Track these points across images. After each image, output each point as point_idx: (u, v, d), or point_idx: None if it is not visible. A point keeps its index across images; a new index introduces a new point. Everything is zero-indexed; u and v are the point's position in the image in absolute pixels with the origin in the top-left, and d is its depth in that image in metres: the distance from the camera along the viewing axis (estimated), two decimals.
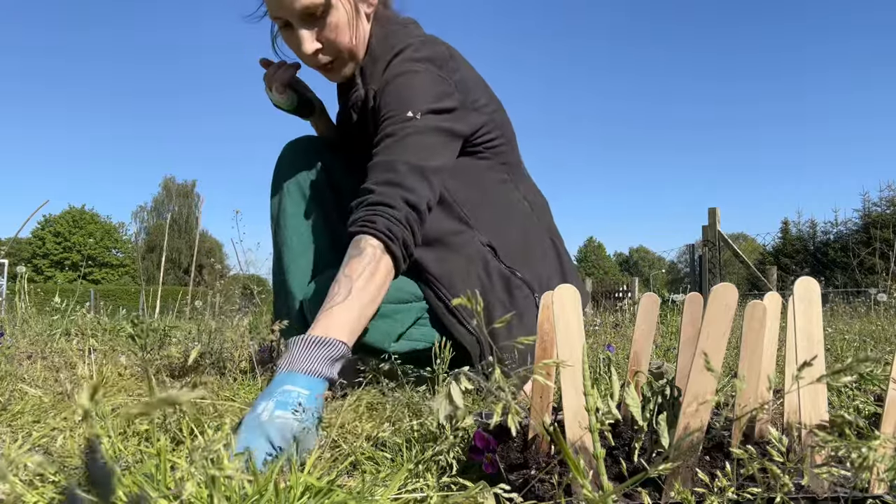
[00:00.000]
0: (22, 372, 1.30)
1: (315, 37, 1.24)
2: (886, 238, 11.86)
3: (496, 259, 1.35)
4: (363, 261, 1.06)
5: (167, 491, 0.57)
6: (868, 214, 17.20)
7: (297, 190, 1.43)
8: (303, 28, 1.22)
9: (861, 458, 0.51)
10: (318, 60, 1.27)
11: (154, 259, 37.17)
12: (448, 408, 0.59)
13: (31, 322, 2.40)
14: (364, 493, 0.64)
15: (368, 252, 1.07)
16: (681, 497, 0.60)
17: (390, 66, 1.25)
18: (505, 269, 1.35)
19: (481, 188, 1.37)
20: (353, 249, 1.08)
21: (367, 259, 1.06)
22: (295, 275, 1.39)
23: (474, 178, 1.36)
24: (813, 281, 0.73)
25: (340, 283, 1.03)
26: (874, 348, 2.09)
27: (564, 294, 0.69)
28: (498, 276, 1.34)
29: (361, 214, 1.12)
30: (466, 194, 1.34)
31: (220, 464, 0.43)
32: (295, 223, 1.42)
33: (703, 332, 0.64)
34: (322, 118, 1.52)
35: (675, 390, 0.70)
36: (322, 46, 1.25)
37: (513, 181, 1.44)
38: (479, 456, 0.72)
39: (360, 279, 1.04)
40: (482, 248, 1.34)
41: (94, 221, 38.10)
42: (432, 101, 1.22)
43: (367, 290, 1.04)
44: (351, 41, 1.27)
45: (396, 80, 1.23)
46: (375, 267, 1.07)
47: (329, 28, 1.23)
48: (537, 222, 1.46)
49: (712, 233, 7.48)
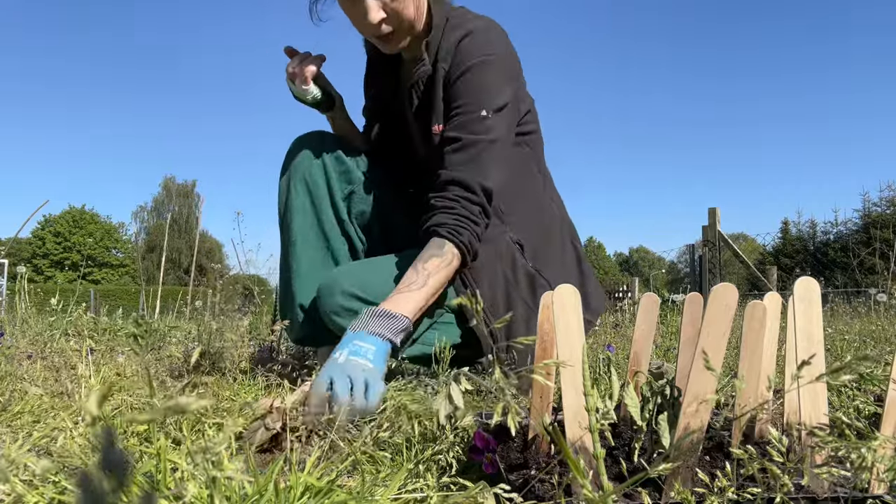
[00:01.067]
0: (22, 372, 1.30)
1: (381, 6, 1.26)
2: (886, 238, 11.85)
3: (523, 257, 1.37)
4: (442, 262, 1.20)
5: (167, 491, 0.57)
6: (868, 214, 17.20)
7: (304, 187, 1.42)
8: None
9: (861, 458, 0.51)
10: (381, 30, 1.29)
11: (154, 259, 37.16)
12: (448, 408, 0.59)
13: (31, 322, 2.40)
14: (364, 494, 0.64)
15: (448, 257, 1.21)
16: (681, 497, 0.60)
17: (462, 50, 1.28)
18: (531, 267, 1.37)
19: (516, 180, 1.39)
20: (437, 249, 1.21)
21: (445, 262, 1.20)
22: (299, 274, 1.39)
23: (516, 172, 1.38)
24: (813, 281, 0.73)
25: (419, 273, 1.17)
26: (874, 348, 2.09)
27: (564, 294, 0.69)
28: (524, 273, 1.36)
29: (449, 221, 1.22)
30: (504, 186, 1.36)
31: (221, 464, 0.43)
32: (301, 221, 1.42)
33: (703, 331, 0.64)
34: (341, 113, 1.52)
35: (674, 390, 0.70)
36: (387, 16, 1.27)
37: (542, 178, 1.47)
38: (479, 456, 0.72)
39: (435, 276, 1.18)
40: (511, 244, 1.36)
41: (94, 221, 38.09)
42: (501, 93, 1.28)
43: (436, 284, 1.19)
44: (413, 13, 1.30)
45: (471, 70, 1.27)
46: (448, 270, 1.21)
47: None
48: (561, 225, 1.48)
49: (712, 233, 7.48)
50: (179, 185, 44.10)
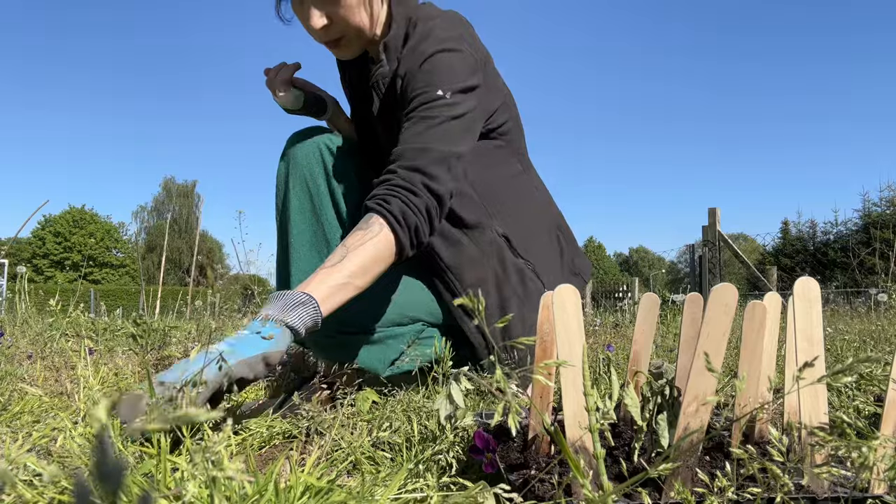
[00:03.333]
0: (22, 372, 1.30)
1: (324, 12, 1.23)
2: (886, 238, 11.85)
3: (511, 250, 1.34)
4: (366, 235, 1.08)
5: (167, 491, 0.57)
6: (868, 214, 17.20)
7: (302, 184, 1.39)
8: (314, 6, 1.22)
9: (861, 457, 0.51)
10: (325, 36, 1.27)
11: (154, 259, 37.17)
12: (448, 407, 0.59)
13: (31, 322, 2.40)
14: (364, 493, 0.64)
15: (374, 228, 1.09)
16: (681, 497, 0.60)
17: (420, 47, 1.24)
18: (520, 260, 1.35)
19: (500, 176, 1.36)
20: (362, 223, 1.10)
21: (370, 234, 1.08)
22: (296, 275, 1.38)
23: (493, 166, 1.35)
24: (812, 281, 0.73)
25: (336, 251, 1.07)
26: (874, 348, 2.09)
27: (564, 294, 0.69)
28: (513, 268, 1.34)
29: (380, 192, 1.13)
30: (486, 182, 1.33)
31: (221, 464, 0.43)
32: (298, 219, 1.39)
33: (703, 332, 0.64)
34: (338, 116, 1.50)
35: (674, 390, 0.70)
36: (330, 22, 1.24)
37: (525, 171, 1.44)
38: (479, 456, 0.72)
39: (356, 251, 1.06)
40: (498, 238, 1.33)
41: (95, 221, 38.08)
42: (462, 78, 1.22)
43: (359, 259, 1.06)
44: (362, 20, 1.26)
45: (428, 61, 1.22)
46: (376, 243, 1.08)
47: (341, 5, 1.22)
48: (547, 213, 1.46)
49: (712, 233, 7.48)
50: (179, 186, 44.10)
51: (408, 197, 1.12)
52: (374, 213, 1.11)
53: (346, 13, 1.23)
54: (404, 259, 1.14)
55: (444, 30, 1.26)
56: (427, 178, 1.14)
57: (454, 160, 1.18)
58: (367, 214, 1.11)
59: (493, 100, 1.33)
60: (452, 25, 1.28)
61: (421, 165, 1.14)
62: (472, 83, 1.23)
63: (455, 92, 1.20)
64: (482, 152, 1.33)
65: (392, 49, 1.29)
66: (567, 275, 1.45)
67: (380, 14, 1.30)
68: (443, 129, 1.18)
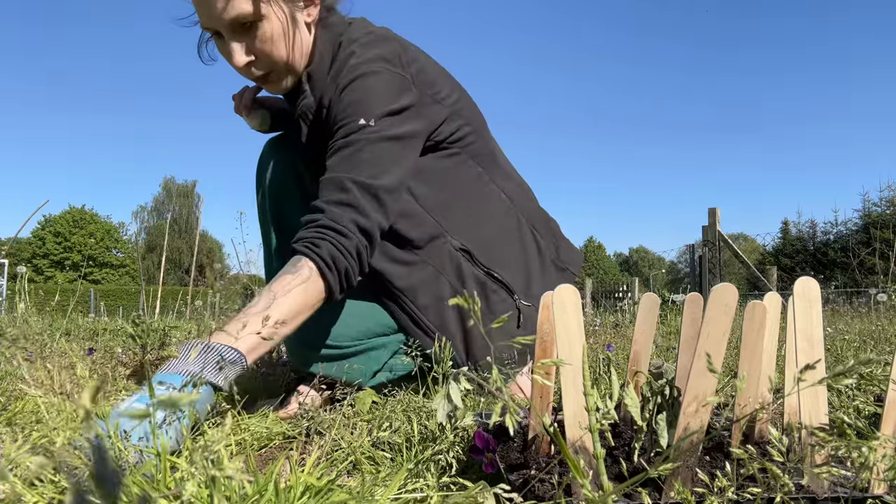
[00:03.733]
0: (22, 372, 1.30)
1: (246, 49, 1.17)
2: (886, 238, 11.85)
3: (471, 263, 1.30)
4: (294, 280, 1.04)
5: (167, 491, 0.57)
6: (868, 215, 17.21)
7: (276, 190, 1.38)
8: (233, 40, 1.16)
9: (861, 457, 0.51)
10: (252, 73, 1.21)
11: (154, 259, 37.19)
12: (447, 407, 0.59)
13: (31, 322, 2.40)
14: (364, 493, 0.64)
15: (304, 274, 1.05)
16: (681, 497, 0.60)
17: (342, 73, 1.19)
18: (481, 272, 1.30)
19: (453, 188, 1.31)
20: (291, 266, 1.06)
21: (299, 280, 1.04)
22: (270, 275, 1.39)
23: (444, 179, 1.30)
24: (812, 281, 0.73)
25: (263, 296, 1.02)
26: (874, 348, 2.09)
27: (564, 294, 0.69)
28: (473, 281, 1.29)
29: (309, 235, 1.09)
30: (437, 198, 1.29)
31: (221, 464, 0.43)
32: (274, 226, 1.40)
33: (703, 332, 0.64)
34: None
35: (674, 390, 0.70)
36: (254, 59, 1.18)
37: (488, 174, 1.37)
38: (479, 456, 0.72)
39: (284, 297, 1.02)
40: (455, 253, 1.29)
41: (95, 221, 38.09)
42: (387, 102, 1.16)
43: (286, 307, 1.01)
44: (287, 53, 1.20)
45: (350, 86, 1.17)
46: (304, 289, 1.04)
47: (261, 39, 1.16)
48: (517, 216, 1.39)
49: (712, 233, 7.48)
50: (179, 186, 44.11)
51: (337, 239, 1.08)
52: (302, 257, 1.06)
53: (268, 47, 1.17)
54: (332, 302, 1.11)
55: (363, 53, 1.20)
56: (356, 214, 1.10)
57: (383, 192, 1.13)
58: (296, 257, 1.07)
59: (435, 113, 1.26)
60: (371, 45, 1.22)
61: (347, 199, 1.10)
62: (400, 105, 1.18)
63: (380, 117, 1.15)
64: (431, 166, 1.28)
65: (317, 78, 1.25)
66: (551, 272, 1.40)
67: (306, 43, 1.25)
68: (366, 156, 1.13)
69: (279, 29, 1.17)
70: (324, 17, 1.27)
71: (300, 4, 1.21)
